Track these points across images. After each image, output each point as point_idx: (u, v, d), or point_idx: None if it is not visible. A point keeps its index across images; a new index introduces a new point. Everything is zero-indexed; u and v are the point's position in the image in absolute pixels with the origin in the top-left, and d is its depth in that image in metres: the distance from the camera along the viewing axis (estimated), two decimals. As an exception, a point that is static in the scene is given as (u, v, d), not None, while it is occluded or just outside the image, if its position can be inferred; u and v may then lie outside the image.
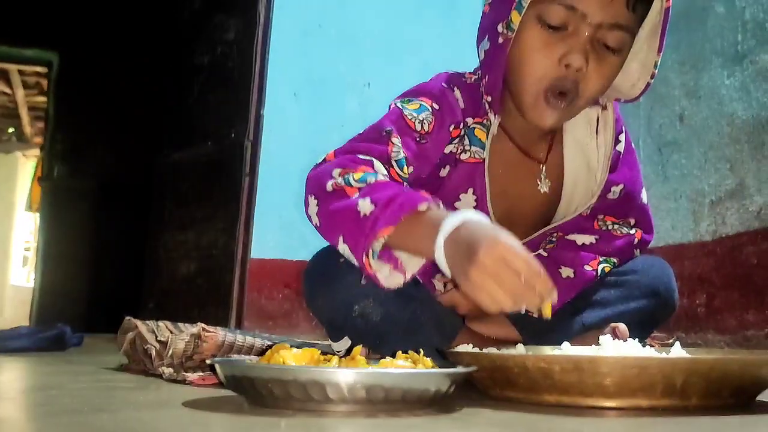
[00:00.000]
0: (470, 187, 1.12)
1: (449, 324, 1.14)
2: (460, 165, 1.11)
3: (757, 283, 1.73)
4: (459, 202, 1.13)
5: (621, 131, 1.19)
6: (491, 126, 1.10)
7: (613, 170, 1.17)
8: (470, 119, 1.11)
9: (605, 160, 1.14)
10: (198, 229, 2.77)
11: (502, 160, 1.13)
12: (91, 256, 4.76)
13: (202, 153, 2.79)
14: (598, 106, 1.13)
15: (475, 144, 1.10)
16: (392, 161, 1.01)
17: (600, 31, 0.97)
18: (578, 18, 0.97)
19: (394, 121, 1.05)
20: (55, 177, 5.03)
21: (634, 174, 1.21)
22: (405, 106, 1.07)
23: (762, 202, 1.73)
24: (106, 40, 4.78)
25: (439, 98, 1.09)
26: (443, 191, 1.12)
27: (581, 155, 1.15)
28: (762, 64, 1.74)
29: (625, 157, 1.19)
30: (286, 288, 2.47)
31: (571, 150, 1.15)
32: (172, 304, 2.81)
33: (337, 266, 1.07)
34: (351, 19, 2.66)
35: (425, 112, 1.07)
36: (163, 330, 1.10)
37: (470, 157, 1.11)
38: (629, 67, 1.07)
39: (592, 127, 1.14)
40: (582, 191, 1.15)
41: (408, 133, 1.05)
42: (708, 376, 0.74)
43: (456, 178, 1.11)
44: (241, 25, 2.70)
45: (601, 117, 1.14)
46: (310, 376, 0.67)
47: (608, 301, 1.16)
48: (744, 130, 1.79)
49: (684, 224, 1.98)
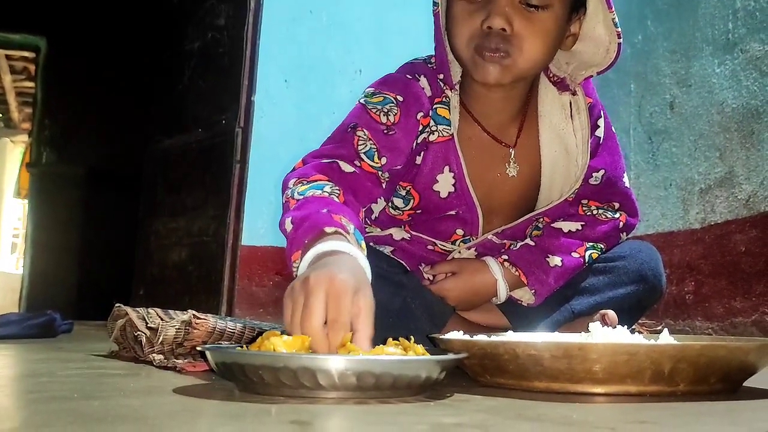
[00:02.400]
0: (445, 165, 1.13)
1: (439, 311, 1.15)
2: (431, 147, 1.12)
3: (745, 271, 1.75)
4: (438, 184, 1.14)
5: (599, 116, 1.19)
6: (450, 101, 1.11)
7: (594, 156, 1.17)
8: (436, 101, 1.12)
9: (584, 144, 1.14)
10: (189, 216, 2.76)
11: (472, 144, 1.14)
12: (80, 242, 4.75)
13: (192, 140, 2.78)
14: (569, 92, 1.14)
15: (441, 123, 1.12)
16: (360, 155, 1.04)
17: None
18: None
19: (358, 116, 1.08)
20: (44, 163, 5.00)
21: (614, 159, 1.21)
22: (368, 100, 1.10)
23: (751, 190, 1.74)
24: (94, 25, 4.73)
25: (402, 90, 1.11)
26: (421, 177, 1.13)
27: (558, 140, 1.15)
28: (752, 52, 1.75)
29: (605, 142, 1.20)
30: (276, 275, 2.47)
31: (547, 135, 1.15)
32: (162, 292, 2.81)
33: None
34: (342, 5, 2.65)
35: (389, 104, 1.08)
36: (153, 317, 1.10)
37: (439, 137, 1.12)
38: (596, 32, 1.08)
39: (566, 111, 1.15)
40: (562, 176, 1.16)
41: (374, 125, 1.06)
42: (696, 363, 0.75)
43: (430, 161, 1.12)
44: (232, 11, 2.68)
45: (573, 102, 1.14)
46: (301, 363, 0.67)
47: (597, 287, 1.17)
48: (734, 119, 1.80)
49: (673, 212, 1.99)
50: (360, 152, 1.04)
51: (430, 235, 1.20)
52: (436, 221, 1.18)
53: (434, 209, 1.16)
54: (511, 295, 1.17)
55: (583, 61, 1.11)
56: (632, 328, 1.04)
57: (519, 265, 1.15)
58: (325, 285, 0.74)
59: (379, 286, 1.07)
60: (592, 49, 1.09)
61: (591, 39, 1.08)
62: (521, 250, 1.17)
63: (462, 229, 1.19)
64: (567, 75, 1.14)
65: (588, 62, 1.11)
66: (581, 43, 1.10)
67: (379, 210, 1.18)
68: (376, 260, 1.13)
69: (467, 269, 1.17)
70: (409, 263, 1.20)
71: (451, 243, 1.20)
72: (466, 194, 1.14)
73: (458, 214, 1.16)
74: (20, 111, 8.07)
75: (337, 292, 0.73)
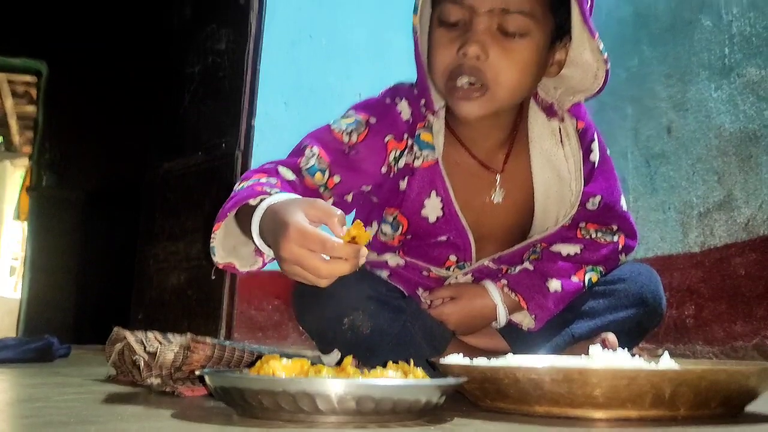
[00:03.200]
0: (432, 189, 1.13)
1: (439, 336, 1.14)
2: (416, 172, 1.12)
3: (745, 294, 1.74)
4: (425, 209, 1.14)
5: (593, 139, 1.18)
6: (432, 125, 1.11)
7: (589, 181, 1.17)
8: (419, 126, 1.12)
9: (577, 170, 1.14)
10: (188, 239, 2.76)
11: (459, 169, 1.14)
12: (79, 266, 4.74)
13: (192, 163, 2.79)
14: (556, 118, 1.14)
15: (425, 147, 1.12)
16: (302, 171, 1.05)
17: (494, 19, 1.00)
18: (469, 11, 1.00)
19: (318, 136, 1.09)
20: (44, 186, 5.00)
21: (610, 183, 1.21)
22: (338, 120, 1.11)
23: (749, 213, 1.75)
24: (95, 49, 4.77)
25: (378, 113, 1.11)
26: (407, 202, 1.13)
27: (549, 166, 1.15)
28: (749, 77, 1.76)
29: (600, 167, 1.19)
30: (276, 299, 2.47)
31: (539, 161, 1.15)
32: (161, 315, 2.80)
33: None
34: (341, 30, 2.68)
35: (356, 125, 1.09)
36: (152, 341, 1.09)
37: (424, 162, 1.12)
38: (583, 58, 1.07)
39: (556, 137, 1.14)
40: (556, 201, 1.15)
41: (333, 145, 1.08)
42: (696, 387, 0.74)
43: (416, 186, 1.12)
44: (233, 35, 2.71)
45: (563, 128, 1.14)
46: (300, 387, 0.66)
47: (597, 311, 1.16)
48: (731, 143, 1.80)
49: (672, 236, 1.99)
50: (302, 168, 1.05)
51: (424, 261, 1.20)
52: (429, 247, 1.18)
53: (424, 234, 1.16)
54: (511, 319, 1.16)
55: (571, 86, 1.11)
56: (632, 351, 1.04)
57: (518, 290, 1.15)
58: (288, 245, 0.78)
59: (379, 311, 1.07)
60: (580, 75, 1.09)
61: (579, 65, 1.08)
62: (520, 274, 1.17)
63: (455, 255, 1.18)
64: (555, 101, 1.13)
65: (576, 87, 1.11)
66: (569, 69, 1.10)
67: (371, 235, 1.19)
68: (374, 285, 1.13)
69: (466, 294, 1.17)
70: (406, 288, 1.20)
71: (446, 269, 1.20)
72: (455, 219, 1.13)
73: (450, 240, 1.16)
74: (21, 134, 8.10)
75: (299, 237, 0.78)
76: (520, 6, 1.00)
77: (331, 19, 2.67)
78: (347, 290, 1.06)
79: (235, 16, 2.68)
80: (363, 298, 1.07)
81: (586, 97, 1.12)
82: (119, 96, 4.71)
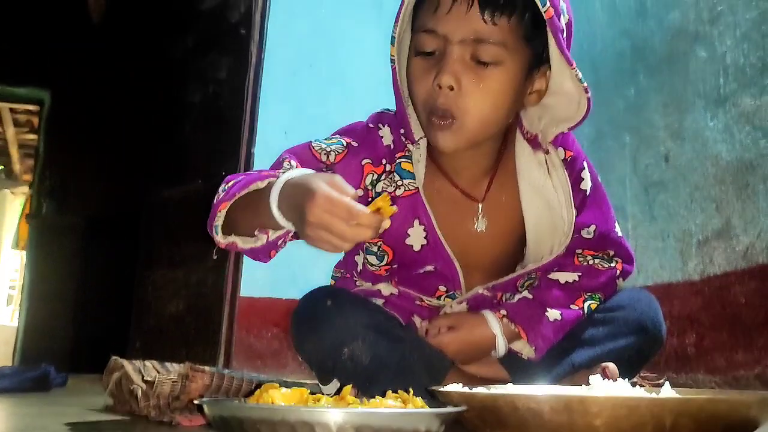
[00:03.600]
0: (414, 218, 1.13)
1: (438, 365, 1.14)
2: (397, 201, 1.12)
3: (746, 323, 1.74)
4: (409, 238, 1.14)
5: (582, 168, 1.19)
6: (413, 154, 1.12)
7: (583, 210, 1.17)
8: (398, 155, 1.13)
9: (567, 199, 1.14)
10: (187, 266, 2.76)
11: (441, 198, 1.15)
12: (77, 294, 4.72)
13: (192, 191, 2.79)
14: (541, 150, 1.14)
15: (406, 177, 1.13)
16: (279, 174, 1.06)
17: (468, 48, 1.01)
18: (442, 41, 1.02)
19: (296, 151, 1.11)
20: (44, 214, 5.01)
21: (604, 211, 1.21)
22: (320, 139, 1.13)
23: (748, 242, 1.75)
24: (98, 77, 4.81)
25: (360, 137, 1.13)
26: (390, 231, 1.11)
27: (538, 196, 1.15)
28: (744, 107, 1.78)
29: (592, 195, 1.19)
30: (275, 327, 2.46)
31: (528, 192, 1.16)
32: (159, 343, 2.78)
33: (325, 309, 1.07)
34: (341, 60, 2.70)
35: (337, 146, 1.11)
36: (149, 370, 1.09)
37: (405, 191, 1.13)
38: (564, 87, 1.08)
39: (543, 168, 1.15)
40: (548, 231, 1.16)
41: (310, 161, 1.09)
42: (697, 417, 0.74)
43: (398, 215, 1.12)
44: (233, 64, 2.73)
45: (548, 159, 1.15)
46: (299, 416, 0.66)
47: (597, 339, 1.15)
48: (728, 171, 1.81)
49: (672, 264, 1.99)
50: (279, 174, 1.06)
51: (416, 291, 1.20)
52: (418, 277, 1.18)
53: (411, 263, 1.16)
54: (511, 348, 1.16)
55: (555, 115, 1.11)
56: (633, 381, 1.03)
57: (517, 321, 1.14)
58: (316, 210, 0.82)
59: (378, 341, 1.07)
60: (564, 103, 1.09)
61: (561, 93, 1.08)
62: (519, 304, 1.16)
63: (444, 285, 1.19)
64: (539, 132, 1.13)
65: (560, 117, 1.11)
66: (552, 98, 1.10)
67: (361, 262, 1.19)
68: (373, 314, 1.13)
69: (466, 324, 1.16)
70: (402, 316, 1.19)
71: (437, 298, 1.20)
72: (440, 247, 1.13)
73: (437, 270, 1.16)
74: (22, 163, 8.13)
75: (326, 203, 0.82)
76: (492, 35, 1.00)
77: (331, 49, 2.70)
78: (346, 319, 1.06)
79: (235, 45, 2.71)
80: (362, 327, 1.07)
81: (569, 127, 1.12)
82: (120, 124, 4.75)
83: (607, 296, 1.20)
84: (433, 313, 1.21)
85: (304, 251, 2.95)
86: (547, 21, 1.01)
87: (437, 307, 1.21)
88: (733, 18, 1.82)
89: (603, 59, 2.32)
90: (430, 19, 1.03)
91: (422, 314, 1.21)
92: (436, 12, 1.02)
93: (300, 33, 2.69)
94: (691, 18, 1.96)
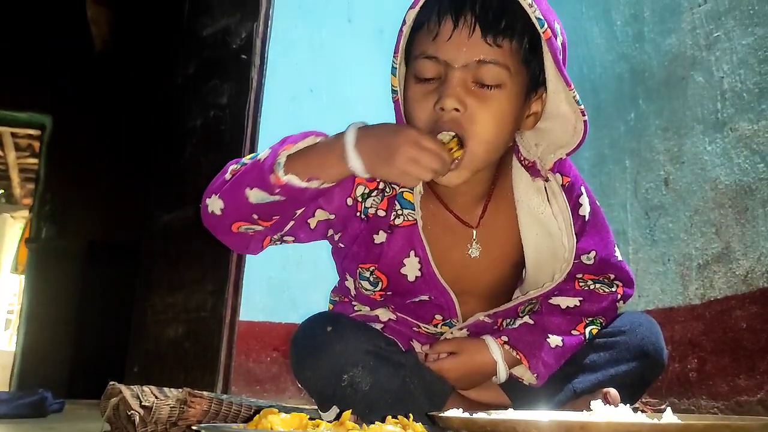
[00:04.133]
0: (410, 249, 1.12)
1: (439, 390, 1.13)
2: (396, 231, 1.11)
3: (747, 348, 1.73)
4: (405, 267, 1.12)
5: (580, 193, 1.17)
6: (416, 187, 1.11)
7: (582, 236, 1.16)
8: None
9: (567, 226, 1.12)
10: (187, 291, 2.75)
11: (437, 222, 1.14)
12: (75, 318, 4.70)
13: (192, 214, 2.79)
14: (540, 177, 1.13)
15: (406, 207, 1.11)
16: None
17: (470, 72, 1.00)
18: (444, 66, 1.01)
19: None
20: (43, 238, 5.00)
21: (603, 236, 1.20)
22: None
23: (748, 266, 1.75)
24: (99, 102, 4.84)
25: None
26: (385, 259, 1.12)
27: (538, 224, 1.14)
28: (742, 131, 1.79)
29: (591, 220, 1.18)
30: (274, 351, 2.44)
31: (527, 219, 1.14)
32: (157, 368, 2.76)
33: (325, 335, 1.06)
34: (342, 85, 2.72)
35: None
36: (147, 395, 1.08)
37: (404, 221, 1.11)
38: (560, 110, 1.07)
39: (542, 196, 1.13)
40: (548, 258, 1.14)
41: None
42: (701, 443, 0.73)
43: (395, 245, 1.11)
44: (234, 90, 2.75)
45: (548, 186, 1.13)
46: (298, 443, 0.65)
47: (598, 364, 1.15)
48: (727, 195, 1.82)
49: (673, 288, 1.99)
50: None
51: (413, 318, 1.19)
52: (414, 305, 1.17)
53: (405, 293, 1.15)
54: (512, 373, 1.15)
55: (552, 141, 1.11)
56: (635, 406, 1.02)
57: (519, 347, 1.13)
58: (413, 132, 0.98)
59: (378, 366, 1.06)
60: (560, 127, 1.09)
61: (557, 117, 1.08)
62: (520, 329, 1.15)
63: (440, 314, 1.18)
64: (537, 159, 1.12)
65: (557, 142, 1.10)
66: (549, 122, 1.09)
67: (353, 287, 1.18)
68: (372, 339, 1.12)
69: (467, 349, 1.15)
70: (401, 342, 1.19)
71: (434, 326, 1.19)
72: (434, 279, 1.12)
73: (432, 300, 1.15)
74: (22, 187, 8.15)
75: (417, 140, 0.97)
76: (493, 58, 1.00)
77: (331, 74, 2.72)
78: (346, 345, 1.05)
79: (237, 71, 2.73)
80: (362, 353, 1.06)
81: (567, 152, 1.11)
82: (120, 148, 4.77)
83: (608, 320, 1.19)
84: (431, 339, 1.20)
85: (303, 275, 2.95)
86: (545, 42, 1.01)
87: (433, 334, 1.20)
88: (730, 44, 1.83)
89: (603, 83, 2.34)
90: (429, 45, 1.02)
91: (420, 340, 1.20)
92: (435, 39, 1.01)
93: (300, 58, 2.71)
94: (688, 43, 1.98)
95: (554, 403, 1.12)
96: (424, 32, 1.03)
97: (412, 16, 1.04)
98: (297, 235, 1.12)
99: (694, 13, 1.97)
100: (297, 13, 2.74)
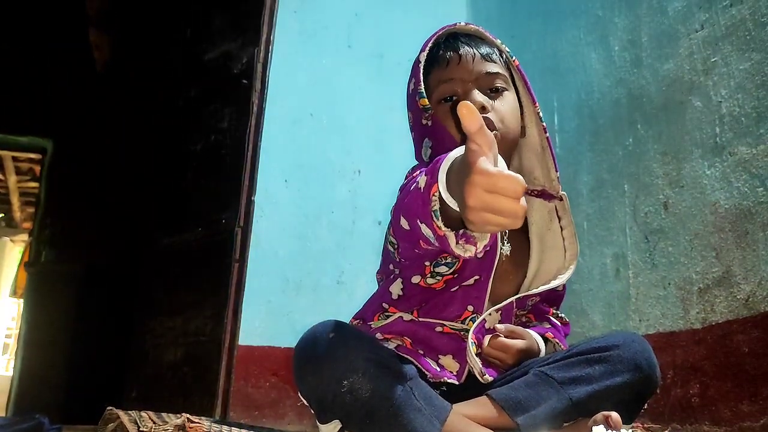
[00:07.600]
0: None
1: (439, 405, 1.13)
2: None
3: (750, 373, 1.72)
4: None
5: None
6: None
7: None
8: None
9: (570, 234, 1.30)
10: (185, 315, 2.74)
11: None
12: (74, 342, 4.67)
13: (191, 238, 2.80)
14: (555, 199, 1.30)
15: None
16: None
17: (482, 81, 1.24)
18: (461, 83, 1.24)
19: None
20: (42, 262, 5.00)
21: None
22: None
23: (749, 290, 1.74)
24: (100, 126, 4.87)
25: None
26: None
27: (542, 241, 1.31)
28: (741, 155, 1.80)
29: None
30: (273, 376, 2.43)
31: (535, 236, 1.32)
32: (156, 393, 2.74)
33: (326, 341, 1.07)
34: (341, 108, 2.74)
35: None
36: (145, 420, 1.07)
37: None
38: (530, 134, 1.30)
39: (551, 214, 1.31)
40: (550, 260, 1.30)
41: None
42: (704, 469, 0.72)
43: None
44: (235, 114, 2.77)
45: (559, 206, 1.31)
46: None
47: (593, 376, 1.18)
48: (727, 219, 1.82)
49: (673, 312, 1.98)
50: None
51: (439, 318, 1.24)
52: (449, 297, 1.24)
53: (468, 274, 1.22)
54: None
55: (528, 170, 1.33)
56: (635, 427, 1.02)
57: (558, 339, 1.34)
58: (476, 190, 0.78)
59: (379, 374, 1.06)
60: (533, 155, 1.31)
61: (528, 144, 1.30)
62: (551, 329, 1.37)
63: (472, 305, 1.24)
64: (542, 186, 1.30)
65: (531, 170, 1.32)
66: (525, 154, 1.32)
67: (400, 289, 1.24)
68: (375, 348, 1.13)
69: (529, 337, 1.30)
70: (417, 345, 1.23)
71: (461, 322, 1.24)
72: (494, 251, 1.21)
73: (477, 283, 1.23)
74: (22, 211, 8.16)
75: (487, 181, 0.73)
76: (495, 69, 1.25)
77: (331, 98, 2.75)
78: (347, 351, 1.06)
79: (238, 95, 2.75)
80: (363, 360, 1.07)
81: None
82: (121, 172, 4.78)
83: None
84: (451, 340, 1.24)
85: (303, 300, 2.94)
86: (518, 67, 1.28)
87: (457, 332, 1.24)
88: (727, 69, 1.85)
89: (601, 108, 2.35)
90: (444, 72, 1.25)
91: (440, 341, 1.24)
92: (448, 66, 1.24)
93: (301, 83, 2.73)
94: (685, 69, 1.99)
95: (552, 415, 1.13)
96: (437, 66, 1.26)
97: (423, 58, 1.25)
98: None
99: (691, 38, 1.99)
100: (298, 38, 2.77)
